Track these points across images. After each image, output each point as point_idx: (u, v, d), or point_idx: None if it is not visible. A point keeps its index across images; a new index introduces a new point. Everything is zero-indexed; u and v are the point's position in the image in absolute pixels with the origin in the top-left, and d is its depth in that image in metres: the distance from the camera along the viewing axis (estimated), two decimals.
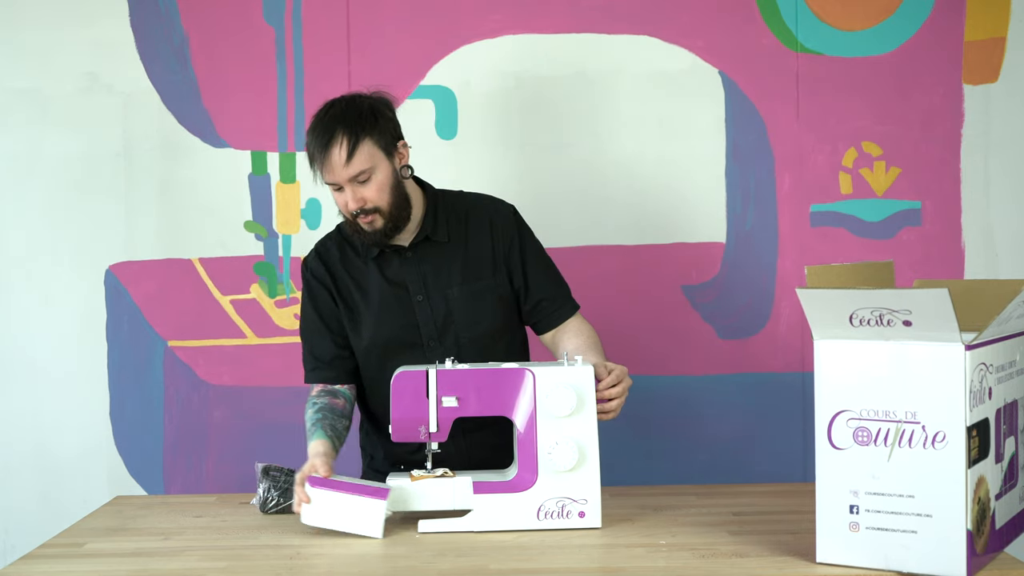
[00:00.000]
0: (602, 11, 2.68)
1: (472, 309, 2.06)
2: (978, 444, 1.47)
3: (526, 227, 2.15)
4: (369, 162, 1.96)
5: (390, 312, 2.06)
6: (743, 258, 2.70)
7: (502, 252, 2.09)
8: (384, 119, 1.99)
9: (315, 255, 2.13)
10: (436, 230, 2.08)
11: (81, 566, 1.65)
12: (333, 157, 1.94)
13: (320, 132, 1.96)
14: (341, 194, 1.98)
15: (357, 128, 1.95)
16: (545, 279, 2.13)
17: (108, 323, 2.74)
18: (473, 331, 2.06)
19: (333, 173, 1.95)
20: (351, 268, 2.10)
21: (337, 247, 2.12)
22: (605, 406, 1.85)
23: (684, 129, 2.70)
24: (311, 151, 1.98)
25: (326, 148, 1.94)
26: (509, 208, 2.15)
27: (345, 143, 1.93)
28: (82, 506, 2.58)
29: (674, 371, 2.72)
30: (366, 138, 1.95)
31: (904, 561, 1.48)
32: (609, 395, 1.86)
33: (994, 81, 2.68)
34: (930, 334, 1.44)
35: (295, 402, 2.73)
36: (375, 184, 1.97)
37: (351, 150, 1.93)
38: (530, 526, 1.76)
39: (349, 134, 1.94)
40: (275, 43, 2.70)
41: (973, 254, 2.69)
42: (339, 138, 1.94)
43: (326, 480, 1.78)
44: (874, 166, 2.69)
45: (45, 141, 2.73)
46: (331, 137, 1.94)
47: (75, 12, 2.70)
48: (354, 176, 1.95)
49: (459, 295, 2.06)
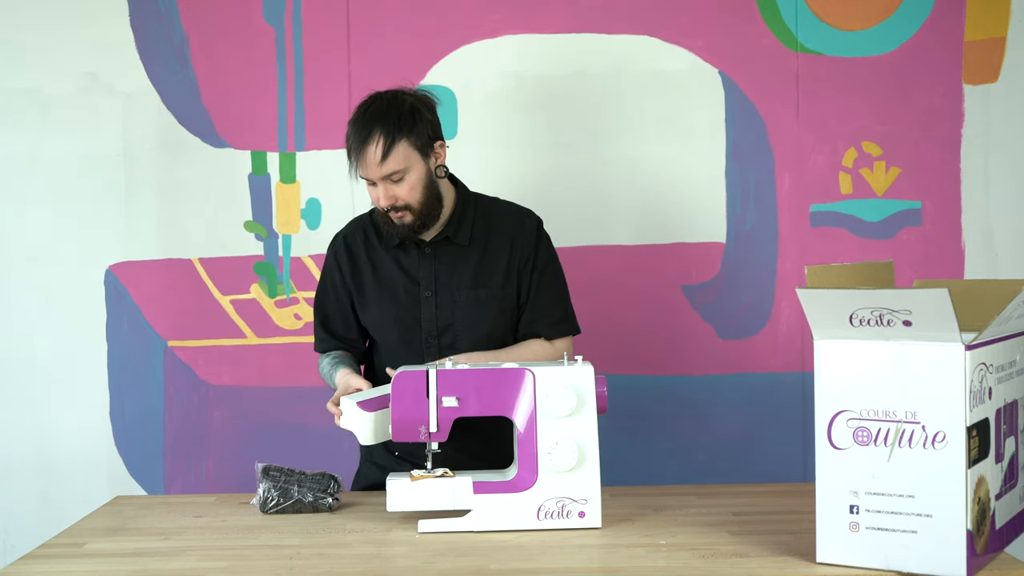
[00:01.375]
0: (602, 11, 2.68)
1: (474, 314, 2.09)
2: (978, 444, 1.47)
3: (545, 244, 2.16)
4: (404, 163, 2.00)
5: (397, 301, 2.11)
6: (743, 258, 2.70)
7: (516, 266, 2.12)
8: (423, 120, 2.03)
9: (342, 238, 2.20)
10: (458, 232, 2.11)
11: (81, 566, 1.65)
12: (369, 155, 1.98)
13: (359, 127, 2.00)
14: (374, 189, 2.03)
15: (395, 129, 1.98)
16: (545, 301, 2.14)
17: (108, 323, 2.74)
18: (470, 336, 2.10)
19: (367, 170, 2.00)
20: (372, 253, 2.16)
21: (363, 230, 2.18)
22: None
23: (684, 129, 2.70)
24: (349, 144, 2.02)
25: (363, 145, 1.98)
26: (534, 223, 2.16)
27: (381, 142, 1.97)
28: (82, 506, 2.58)
29: (674, 371, 2.72)
30: (403, 139, 1.99)
31: (904, 561, 1.48)
32: None
33: (994, 81, 2.68)
34: (930, 334, 1.44)
35: (295, 402, 2.73)
36: (408, 183, 2.01)
37: (387, 150, 1.98)
38: (530, 526, 1.76)
39: (386, 134, 1.98)
40: (275, 43, 2.70)
41: (973, 254, 2.69)
42: (376, 136, 1.98)
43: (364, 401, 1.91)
44: (874, 166, 2.69)
45: (45, 141, 2.73)
46: (369, 134, 1.98)
47: (75, 12, 2.70)
48: (387, 175, 2.00)
49: (465, 299, 2.09)
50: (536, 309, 2.13)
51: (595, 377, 1.78)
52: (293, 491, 1.90)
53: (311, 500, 1.90)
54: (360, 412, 1.88)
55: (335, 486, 1.93)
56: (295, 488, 1.90)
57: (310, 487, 1.91)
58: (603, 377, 1.79)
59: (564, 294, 2.19)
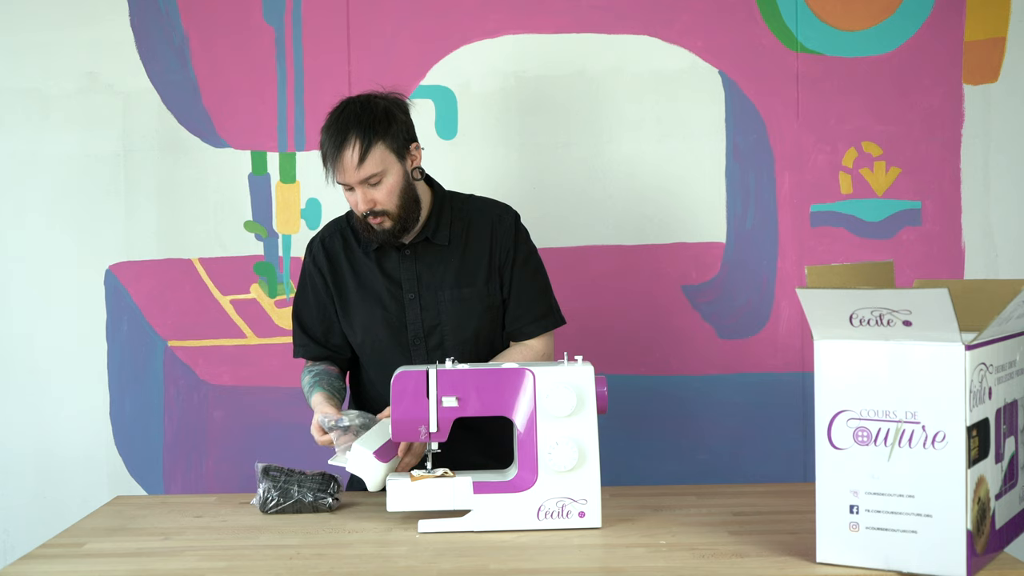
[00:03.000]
0: (602, 11, 2.68)
1: (460, 313, 2.09)
2: (978, 444, 1.47)
3: (524, 238, 2.16)
4: (381, 165, 1.98)
5: (381, 305, 2.10)
6: (743, 258, 2.70)
7: (498, 262, 2.12)
8: (398, 122, 2.01)
9: (319, 242, 2.17)
10: (437, 232, 2.10)
11: (81, 566, 1.65)
12: (345, 159, 1.96)
13: (334, 132, 1.98)
14: (352, 194, 2.01)
15: (370, 132, 1.96)
16: (525, 295, 2.13)
17: (108, 323, 2.74)
18: (458, 335, 2.10)
19: (345, 175, 1.98)
20: (352, 257, 2.14)
21: (341, 234, 2.16)
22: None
23: (684, 129, 2.70)
24: (324, 150, 2.00)
25: (339, 149, 1.96)
26: (511, 217, 2.15)
27: (358, 146, 1.95)
28: (82, 506, 2.58)
29: (674, 371, 2.72)
30: (379, 142, 1.97)
31: (904, 561, 1.48)
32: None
33: (994, 81, 2.68)
34: (930, 334, 1.44)
35: (295, 402, 2.73)
36: (386, 187, 1.99)
37: (363, 153, 1.95)
38: (530, 526, 1.76)
39: (362, 137, 1.96)
40: (275, 43, 2.70)
41: (973, 254, 2.69)
42: (352, 140, 1.95)
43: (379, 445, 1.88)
44: (874, 166, 2.69)
45: (45, 141, 2.73)
46: (344, 139, 1.96)
47: (75, 12, 2.70)
48: (365, 179, 1.97)
49: (449, 298, 2.09)
50: (520, 304, 2.12)
51: (595, 377, 1.78)
52: (293, 491, 1.90)
53: (311, 500, 1.90)
54: (375, 463, 1.84)
55: (335, 486, 1.93)
56: (295, 488, 1.90)
57: (310, 487, 1.91)
58: (603, 377, 1.79)
59: (546, 286, 2.18)
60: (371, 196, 1.99)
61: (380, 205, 2.00)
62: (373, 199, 1.99)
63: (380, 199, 1.99)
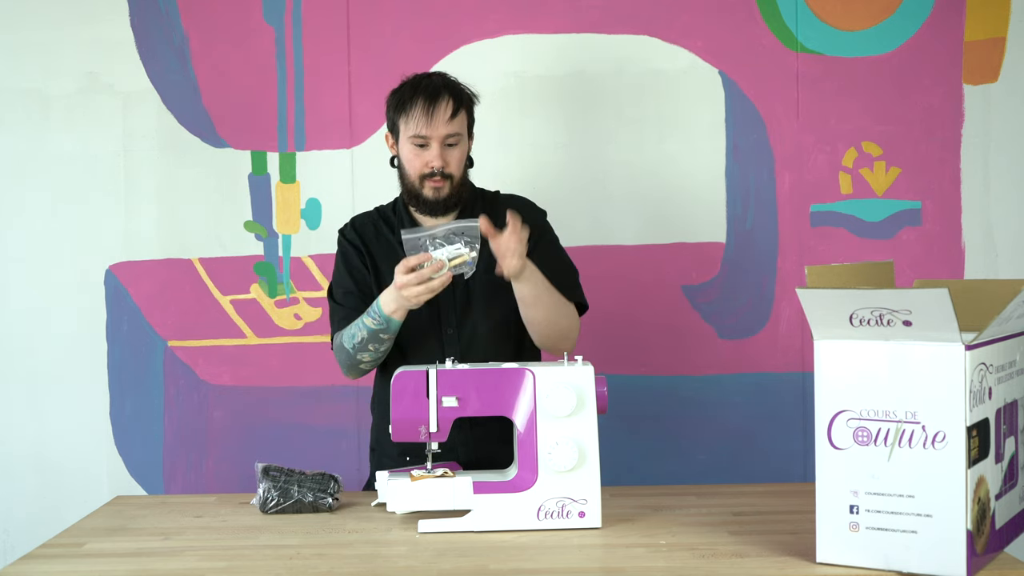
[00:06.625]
0: (602, 11, 2.68)
1: (492, 298, 2.10)
2: (978, 444, 1.47)
3: (550, 228, 2.21)
4: (462, 128, 2.08)
5: None
6: (743, 258, 2.70)
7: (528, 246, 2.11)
8: (474, 105, 2.14)
9: (351, 226, 2.21)
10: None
11: (81, 566, 1.64)
12: (440, 109, 2.03)
13: (427, 86, 2.06)
14: (424, 151, 2.06)
15: (462, 96, 2.09)
16: (554, 268, 2.13)
17: (108, 323, 2.74)
18: (489, 318, 2.11)
19: (434, 126, 2.04)
20: (383, 244, 2.17)
21: (372, 223, 2.20)
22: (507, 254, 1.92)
23: (684, 129, 2.70)
24: (412, 101, 2.05)
25: (434, 100, 2.04)
26: (540, 212, 2.22)
27: (451, 103, 2.06)
28: (82, 506, 2.58)
29: (674, 371, 2.72)
30: (465, 109, 2.10)
31: (904, 561, 1.48)
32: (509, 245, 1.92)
33: (994, 81, 2.68)
34: (930, 334, 1.44)
35: (295, 402, 2.73)
36: (459, 152, 2.09)
37: (456, 110, 2.05)
38: (530, 526, 1.76)
39: (456, 98, 2.07)
40: (275, 43, 2.70)
41: (973, 254, 2.69)
42: (446, 96, 2.06)
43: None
44: (874, 166, 2.69)
45: (45, 141, 2.73)
46: (439, 94, 2.05)
47: (75, 12, 2.70)
48: (449, 134, 2.05)
49: (482, 283, 2.10)
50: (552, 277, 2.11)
51: (595, 377, 1.78)
52: (293, 491, 1.90)
53: (311, 500, 1.90)
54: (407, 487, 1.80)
55: (335, 486, 1.93)
56: (295, 488, 1.90)
57: (310, 487, 1.91)
58: (603, 377, 1.79)
59: (573, 267, 2.21)
60: (446, 156, 2.06)
61: (450, 168, 2.06)
62: (447, 159, 2.05)
63: (452, 161, 2.06)
